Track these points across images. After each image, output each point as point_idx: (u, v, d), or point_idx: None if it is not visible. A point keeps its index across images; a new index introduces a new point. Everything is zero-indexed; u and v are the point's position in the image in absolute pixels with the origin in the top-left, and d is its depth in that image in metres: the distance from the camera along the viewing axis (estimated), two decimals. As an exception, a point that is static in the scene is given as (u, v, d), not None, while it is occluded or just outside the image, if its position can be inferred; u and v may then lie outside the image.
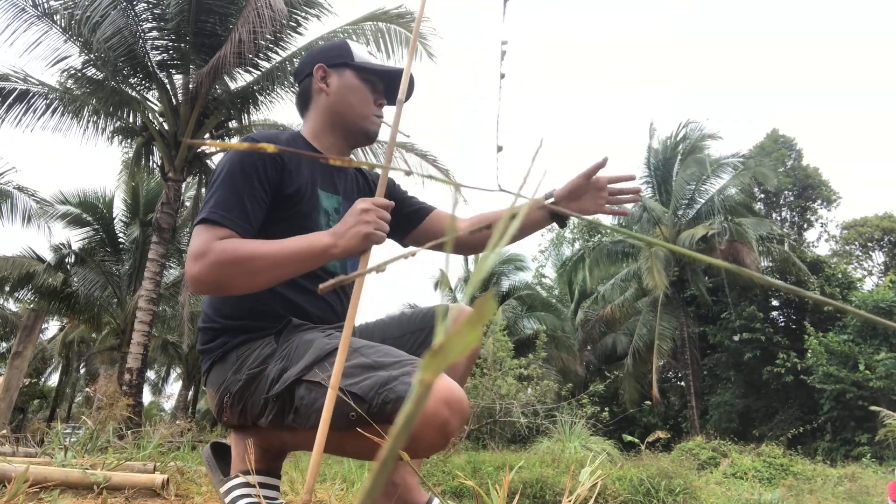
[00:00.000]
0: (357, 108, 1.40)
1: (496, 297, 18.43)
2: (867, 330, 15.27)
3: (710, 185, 17.73)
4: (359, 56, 1.42)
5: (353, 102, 1.40)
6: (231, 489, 1.22)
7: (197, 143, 0.30)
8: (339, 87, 1.40)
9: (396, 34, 8.43)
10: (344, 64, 1.41)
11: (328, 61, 1.42)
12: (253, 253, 1.14)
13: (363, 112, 1.40)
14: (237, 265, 1.13)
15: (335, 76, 1.41)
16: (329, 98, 1.41)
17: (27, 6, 7.88)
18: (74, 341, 20.13)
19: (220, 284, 1.14)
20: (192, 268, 1.14)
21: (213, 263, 1.13)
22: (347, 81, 1.40)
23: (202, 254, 1.14)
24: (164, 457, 2.84)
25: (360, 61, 1.41)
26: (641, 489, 5.24)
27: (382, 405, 1.02)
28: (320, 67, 1.41)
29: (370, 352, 1.12)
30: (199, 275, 1.13)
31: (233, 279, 1.14)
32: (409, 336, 1.39)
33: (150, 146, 9.53)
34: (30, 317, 4.83)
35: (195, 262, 1.14)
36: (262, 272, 1.14)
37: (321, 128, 1.42)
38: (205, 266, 1.13)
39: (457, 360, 0.17)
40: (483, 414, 9.41)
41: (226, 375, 1.23)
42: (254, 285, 1.16)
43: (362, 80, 1.40)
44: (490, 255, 0.23)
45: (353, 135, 1.43)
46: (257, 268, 1.14)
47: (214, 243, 1.15)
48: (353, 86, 1.40)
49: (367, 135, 1.43)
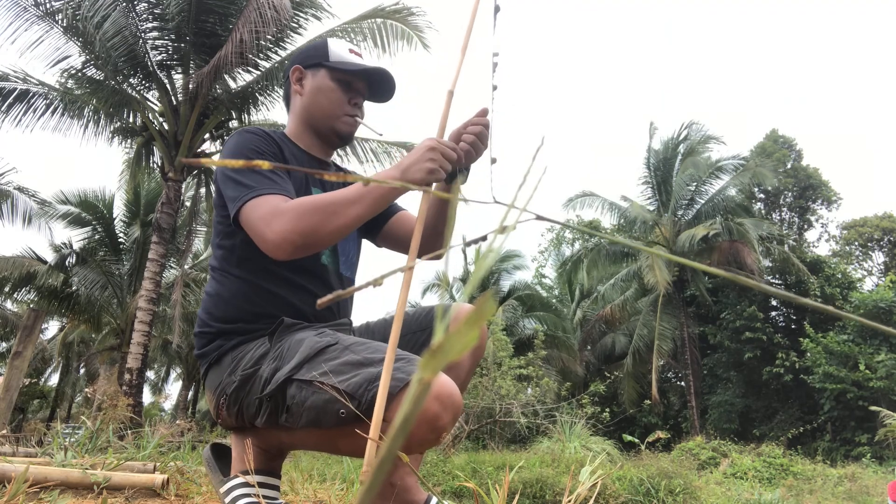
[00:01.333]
0: (327, 108, 1.39)
1: (496, 297, 18.43)
2: (867, 330, 15.27)
3: (710, 186, 17.72)
4: (335, 55, 1.40)
5: (322, 104, 1.39)
6: (231, 489, 1.22)
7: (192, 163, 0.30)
8: (310, 87, 1.40)
9: (393, 29, 8.47)
10: (318, 64, 1.40)
11: (304, 62, 1.42)
12: (328, 199, 1.14)
13: (333, 112, 1.39)
14: (319, 212, 1.12)
15: (310, 77, 1.41)
16: (302, 99, 1.41)
17: (29, 6, 7.88)
18: (74, 341, 20.13)
19: (307, 235, 1.12)
20: (274, 228, 1.12)
21: (297, 216, 1.12)
22: (319, 82, 1.39)
23: (277, 214, 1.12)
24: (164, 457, 2.84)
25: (335, 60, 1.39)
26: (641, 489, 5.24)
27: (372, 401, 1.01)
28: (296, 69, 1.42)
29: (360, 349, 1.12)
30: (283, 232, 1.11)
31: (320, 226, 1.12)
32: (411, 336, 1.39)
33: (150, 146, 9.54)
34: (30, 317, 4.83)
35: (274, 224, 1.12)
36: (343, 212, 1.14)
37: (300, 128, 1.43)
38: (289, 222, 1.11)
39: (456, 358, 0.17)
40: (483, 414, 9.41)
41: (222, 377, 1.23)
42: (341, 227, 1.15)
43: (335, 81, 1.39)
44: (489, 255, 0.23)
45: (325, 135, 1.43)
46: (339, 210, 1.14)
47: (282, 204, 1.14)
48: (324, 86, 1.39)
49: (338, 135, 1.42)
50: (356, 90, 1.42)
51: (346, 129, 1.42)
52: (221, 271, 1.31)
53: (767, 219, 21.02)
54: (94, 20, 7.69)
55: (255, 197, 1.16)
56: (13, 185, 11.27)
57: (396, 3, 8.34)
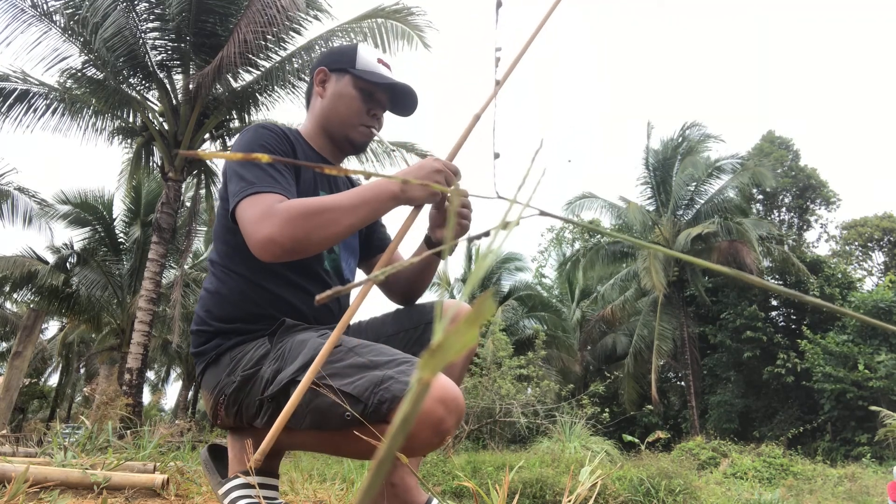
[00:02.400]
0: (344, 116, 1.39)
1: (496, 297, 18.43)
2: (867, 330, 15.27)
3: (709, 186, 17.72)
4: (363, 63, 1.39)
5: (341, 110, 1.38)
6: (230, 490, 1.21)
7: (190, 155, 0.30)
8: (332, 92, 1.39)
9: (393, 28, 8.47)
10: (344, 70, 1.39)
11: (330, 65, 1.41)
12: (323, 204, 1.13)
13: (350, 121, 1.39)
14: (312, 217, 1.11)
15: (333, 80, 1.40)
16: (322, 102, 1.41)
17: (26, 6, 7.88)
18: (74, 341, 20.14)
19: (297, 240, 1.10)
20: (262, 229, 1.10)
21: (287, 220, 1.10)
22: (342, 88, 1.39)
23: (268, 215, 1.10)
24: (164, 457, 2.84)
25: (361, 69, 1.39)
26: (641, 489, 5.24)
27: (378, 405, 1.00)
28: (321, 70, 1.41)
29: (364, 351, 1.11)
30: (273, 234, 1.09)
31: (310, 233, 1.11)
32: (404, 333, 1.39)
33: (150, 146, 9.53)
34: (30, 317, 4.82)
35: (263, 225, 1.10)
36: (336, 222, 1.13)
37: (315, 130, 1.43)
38: (277, 225, 1.09)
39: (455, 358, 0.17)
40: (483, 414, 9.42)
41: (220, 377, 1.22)
42: (331, 236, 1.13)
43: (357, 89, 1.38)
44: (490, 254, 0.23)
45: (339, 142, 1.42)
46: (332, 218, 1.12)
47: (277, 205, 1.12)
48: (345, 93, 1.38)
49: (351, 144, 1.42)
50: (377, 101, 1.41)
51: (360, 139, 1.42)
52: (223, 267, 1.30)
53: (767, 219, 21.01)
54: (94, 20, 7.69)
55: (251, 194, 1.15)
56: (13, 185, 11.27)
57: (396, 3, 8.35)
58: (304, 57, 8.58)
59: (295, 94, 9.09)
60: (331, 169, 0.26)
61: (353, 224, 1.15)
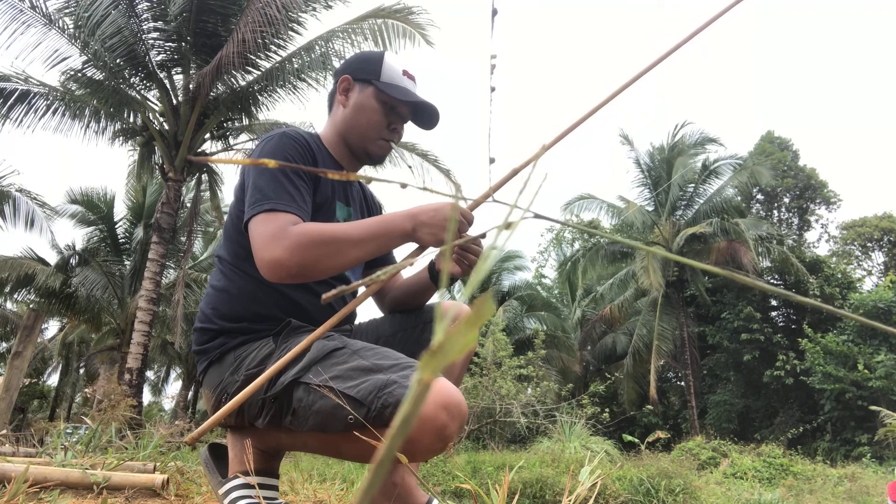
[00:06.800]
0: (364, 129, 1.38)
1: (496, 297, 18.43)
2: (867, 330, 15.27)
3: (709, 186, 17.72)
4: (387, 75, 1.38)
5: (361, 123, 1.38)
6: (230, 490, 1.21)
7: (200, 160, 0.30)
8: (354, 102, 1.39)
9: (395, 28, 8.46)
10: (368, 81, 1.38)
11: (355, 73, 1.40)
12: (335, 234, 1.14)
13: (369, 134, 1.38)
14: (322, 246, 1.12)
15: (356, 90, 1.39)
16: (344, 112, 1.40)
17: (24, 7, 7.87)
18: (74, 341, 20.12)
19: (305, 267, 1.12)
20: (272, 252, 1.11)
21: (297, 246, 1.11)
22: (364, 100, 1.38)
23: (280, 237, 1.11)
24: (164, 457, 2.84)
25: (385, 81, 1.37)
26: (641, 489, 5.24)
27: (381, 409, 1.00)
28: (345, 79, 1.40)
29: (368, 354, 1.11)
30: (282, 258, 1.10)
31: (318, 261, 1.12)
32: (402, 333, 1.39)
33: (150, 146, 9.53)
34: (30, 317, 4.83)
35: (273, 246, 1.11)
36: (344, 252, 1.14)
37: (335, 138, 1.42)
38: (287, 249, 1.10)
39: (455, 359, 0.17)
40: (483, 414, 9.42)
41: (223, 376, 1.22)
42: (337, 266, 1.15)
43: (380, 102, 1.37)
44: (490, 255, 0.23)
45: (357, 152, 1.42)
46: (341, 249, 1.13)
47: (290, 228, 1.13)
48: (367, 105, 1.37)
49: (369, 156, 1.42)
50: (399, 115, 1.41)
51: (378, 152, 1.42)
52: (233, 266, 1.30)
53: (766, 219, 21.02)
54: (93, 20, 7.68)
55: (267, 211, 1.15)
56: (14, 187, 11.26)
57: (397, 3, 8.34)
58: (304, 57, 8.57)
59: (295, 94, 9.08)
60: (334, 174, 0.26)
61: (359, 257, 1.16)
